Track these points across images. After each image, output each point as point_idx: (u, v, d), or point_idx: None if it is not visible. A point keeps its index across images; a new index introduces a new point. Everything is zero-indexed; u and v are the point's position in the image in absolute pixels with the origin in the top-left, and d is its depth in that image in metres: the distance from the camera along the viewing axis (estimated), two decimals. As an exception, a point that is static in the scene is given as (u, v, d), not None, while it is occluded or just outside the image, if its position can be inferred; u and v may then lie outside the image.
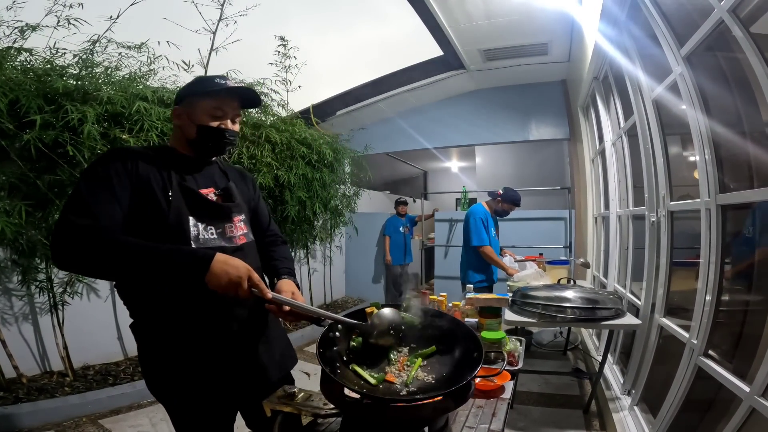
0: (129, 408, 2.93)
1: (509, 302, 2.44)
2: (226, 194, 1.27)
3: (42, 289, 2.93)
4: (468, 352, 1.01)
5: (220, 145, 1.22)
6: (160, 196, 1.11)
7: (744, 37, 1.33)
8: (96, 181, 1.06)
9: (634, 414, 2.33)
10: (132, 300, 1.18)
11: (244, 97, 1.26)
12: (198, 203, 1.17)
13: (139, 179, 1.10)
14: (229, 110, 1.22)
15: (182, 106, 1.21)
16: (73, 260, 0.99)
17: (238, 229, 1.25)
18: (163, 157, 1.19)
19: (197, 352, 1.16)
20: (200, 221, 1.16)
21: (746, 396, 1.26)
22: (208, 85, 1.20)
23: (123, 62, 3.15)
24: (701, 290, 1.70)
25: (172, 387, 1.17)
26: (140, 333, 1.20)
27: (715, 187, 1.63)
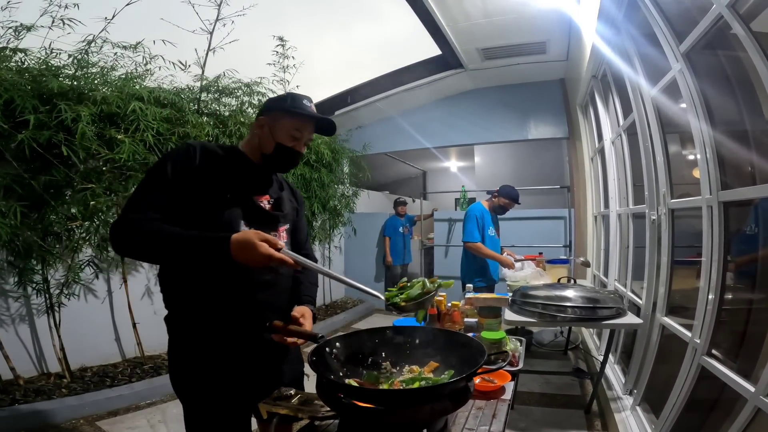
0: (127, 410, 2.90)
1: (509, 302, 2.42)
2: (277, 204, 1.32)
3: (38, 291, 2.91)
4: (470, 355, 1.00)
5: (289, 164, 1.30)
6: (219, 195, 1.17)
7: (744, 33, 1.31)
8: (154, 179, 1.14)
9: (636, 414, 2.31)
10: (170, 293, 1.24)
11: (320, 124, 1.31)
12: (251, 209, 1.23)
13: (202, 177, 1.16)
14: (306, 134, 1.28)
15: (267, 117, 1.26)
16: (122, 247, 1.08)
17: (281, 238, 1.30)
18: (232, 159, 1.25)
19: (224, 351, 1.20)
20: (249, 226, 1.21)
21: (751, 396, 1.24)
22: (296, 105, 1.24)
23: (119, 62, 3.13)
24: (703, 288, 1.68)
25: (195, 382, 1.20)
26: (173, 326, 1.24)
27: (717, 184, 1.61)
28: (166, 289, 1.24)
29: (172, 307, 1.24)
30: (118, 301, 3.51)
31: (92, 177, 2.80)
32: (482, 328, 1.74)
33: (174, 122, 3.22)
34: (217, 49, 3.48)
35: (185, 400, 1.23)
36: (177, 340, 1.24)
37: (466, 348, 1.04)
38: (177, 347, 1.24)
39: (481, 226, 3.44)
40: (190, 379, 1.21)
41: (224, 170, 1.20)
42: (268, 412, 1.14)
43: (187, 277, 1.20)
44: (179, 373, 1.23)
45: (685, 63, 1.77)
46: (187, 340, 1.22)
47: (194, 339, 1.21)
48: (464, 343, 1.08)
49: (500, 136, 5.80)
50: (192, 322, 1.21)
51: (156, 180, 1.13)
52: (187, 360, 1.21)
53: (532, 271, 3.15)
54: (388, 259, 6.09)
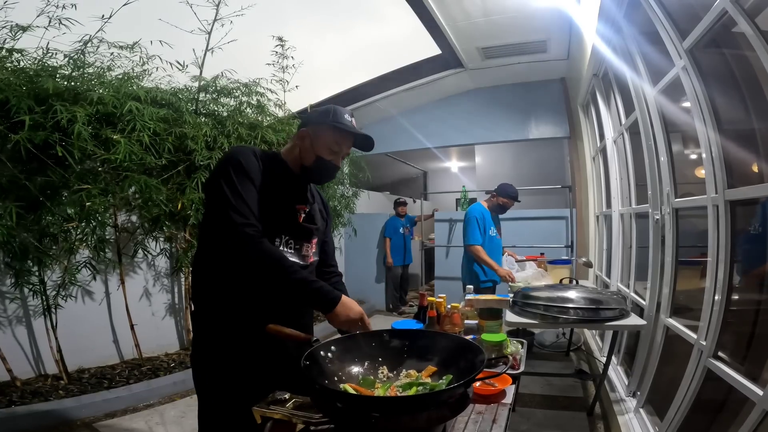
0: (124, 411, 2.88)
1: (510, 303, 2.39)
2: (310, 217, 1.34)
3: (35, 292, 2.89)
4: (469, 360, 0.97)
5: (326, 177, 1.35)
6: (269, 203, 1.20)
7: (750, 29, 1.28)
8: (240, 177, 1.16)
9: (639, 416, 2.27)
10: (201, 289, 1.27)
11: (358, 139, 1.34)
12: (290, 220, 1.27)
13: (260, 181, 1.20)
14: (344, 148, 1.31)
15: (309, 129, 1.29)
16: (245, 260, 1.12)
17: (312, 249, 1.35)
18: (276, 166, 1.27)
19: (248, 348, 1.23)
20: (284, 234, 1.25)
21: (759, 399, 1.21)
22: (338, 119, 1.27)
23: (115, 62, 3.11)
24: (709, 289, 1.65)
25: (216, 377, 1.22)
26: (199, 321, 1.27)
27: (723, 183, 1.58)
28: (198, 286, 1.27)
29: (201, 302, 1.27)
30: (116, 303, 3.49)
31: (88, 178, 2.78)
32: (483, 330, 1.70)
33: (171, 122, 3.20)
34: (215, 50, 3.46)
35: (203, 394, 1.25)
36: (202, 335, 1.26)
37: (465, 352, 1.01)
38: (201, 341, 1.26)
39: (483, 227, 3.41)
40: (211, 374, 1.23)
41: (272, 177, 1.23)
42: (261, 416, 1.11)
43: (220, 275, 1.22)
44: (199, 367, 1.25)
45: (689, 59, 1.74)
46: (213, 334, 1.24)
47: (220, 334, 1.23)
48: (463, 347, 1.05)
49: (501, 135, 5.77)
50: (219, 318, 1.23)
51: (243, 178, 1.16)
52: (208, 355, 1.24)
53: (533, 272, 3.12)
54: (388, 260, 6.06)
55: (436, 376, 1.02)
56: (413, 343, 1.12)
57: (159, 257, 3.77)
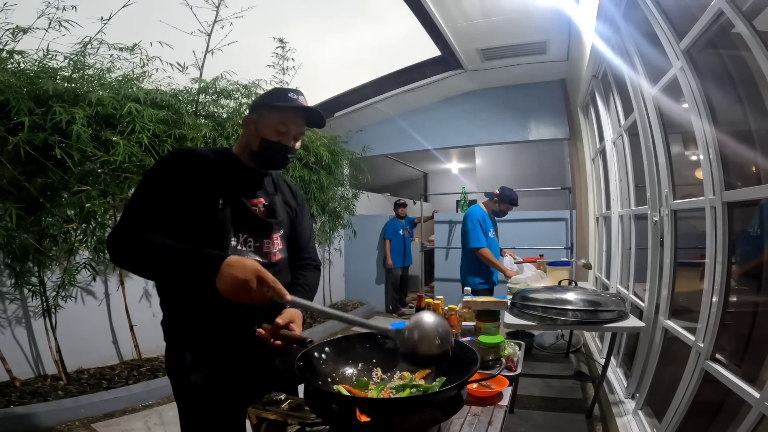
0: (123, 412, 2.89)
1: (507, 305, 2.38)
2: (270, 210, 1.28)
3: (35, 293, 2.90)
4: (463, 362, 0.97)
5: (279, 160, 1.26)
6: (212, 202, 1.14)
7: (747, 29, 1.28)
8: (151, 185, 1.12)
9: (638, 418, 2.27)
10: (165, 297, 1.22)
11: (310, 116, 1.26)
12: (244, 216, 1.20)
13: (195, 184, 1.13)
14: (293, 127, 1.23)
15: (254, 114, 1.24)
16: (117, 259, 1.06)
17: (275, 246, 1.27)
18: (224, 163, 1.22)
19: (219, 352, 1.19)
20: (242, 233, 1.19)
21: (756, 402, 1.20)
22: (279, 98, 1.21)
23: (115, 64, 3.12)
24: (707, 291, 1.65)
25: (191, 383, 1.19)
26: (168, 328, 1.23)
27: (720, 185, 1.58)
28: (162, 295, 1.23)
29: (167, 309, 1.23)
30: (116, 304, 3.49)
31: (88, 179, 2.79)
32: (480, 332, 1.70)
33: (171, 124, 3.20)
34: (215, 51, 3.46)
35: (181, 401, 1.22)
36: (173, 342, 1.23)
37: (459, 354, 1.01)
38: (173, 349, 1.23)
39: (484, 229, 3.42)
40: (186, 380, 1.20)
41: (215, 175, 1.17)
42: (257, 417, 1.11)
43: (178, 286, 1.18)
44: (175, 374, 1.22)
45: (686, 60, 1.74)
46: (183, 341, 1.21)
47: (189, 340, 1.20)
48: (458, 349, 1.04)
49: (501, 137, 5.77)
50: (187, 323, 1.20)
51: (148, 190, 1.12)
52: (183, 361, 1.20)
53: (532, 274, 3.11)
54: (388, 262, 6.06)
55: (429, 378, 1.02)
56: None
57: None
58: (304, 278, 1.39)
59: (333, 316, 1.02)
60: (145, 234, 1.04)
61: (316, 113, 1.25)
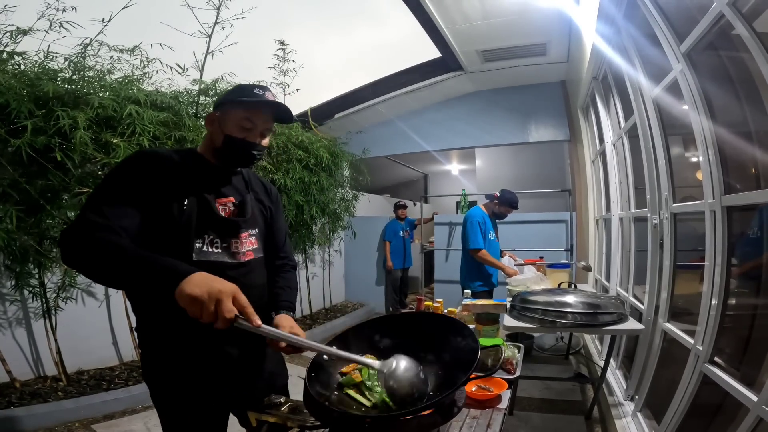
0: (123, 413, 2.89)
1: (507, 308, 2.38)
2: (240, 208, 1.24)
3: (35, 295, 2.90)
4: (462, 360, 0.96)
5: (244, 157, 1.20)
6: (176, 203, 1.10)
7: (747, 32, 1.28)
8: (112, 185, 1.06)
9: (637, 420, 2.27)
10: (136, 303, 1.19)
11: (276, 111, 1.22)
12: (208, 216, 1.15)
13: (159, 185, 1.09)
14: (259, 123, 1.19)
15: (217, 112, 1.20)
16: (68, 257, 0.96)
17: (244, 245, 1.22)
18: (189, 163, 1.17)
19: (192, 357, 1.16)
20: (207, 234, 1.14)
21: (754, 405, 1.20)
22: (245, 93, 1.17)
23: (115, 66, 3.12)
24: (706, 294, 1.65)
25: (166, 389, 1.17)
26: (142, 333, 1.19)
27: (720, 189, 1.58)
28: (133, 301, 1.20)
29: (140, 314, 1.19)
30: (116, 305, 3.49)
31: (88, 181, 2.79)
32: (480, 334, 1.71)
33: (171, 126, 3.20)
34: (215, 53, 3.47)
35: (159, 407, 1.20)
36: (146, 348, 1.19)
37: (458, 345, 1.00)
38: (147, 354, 1.19)
39: (483, 231, 3.42)
40: (161, 387, 1.18)
41: (179, 175, 1.13)
42: (257, 420, 1.12)
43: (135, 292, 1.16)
44: (151, 381, 1.19)
45: (686, 63, 1.74)
46: (156, 347, 1.17)
47: (163, 348, 1.16)
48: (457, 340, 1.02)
49: (501, 138, 5.76)
50: (160, 330, 1.16)
51: (108, 189, 1.06)
52: (157, 368, 1.18)
53: (532, 276, 3.11)
54: (388, 263, 6.06)
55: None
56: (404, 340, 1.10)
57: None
58: (284, 281, 1.37)
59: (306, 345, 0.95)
60: (102, 232, 0.95)
61: (282, 107, 1.21)
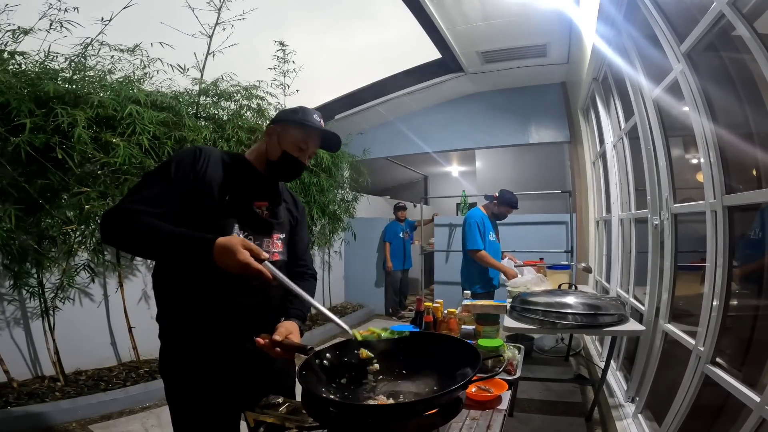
0: (120, 413, 2.88)
1: (507, 309, 2.37)
2: (273, 213, 1.34)
3: (33, 294, 2.89)
4: (463, 363, 0.96)
5: (293, 173, 1.34)
6: (219, 197, 1.19)
7: (748, 32, 1.28)
8: (159, 175, 1.16)
9: (638, 422, 2.25)
10: (161, 291, 1.24)
11: (326, 139, 1.35)
12: (247, 214, 1.24)
13: (204, 181, 1.18)
14: (312, 146, 1.32)
15: (278, 126, 1.30)
16: (109, 236, 1.07)
17: (274, 246, 1.32)
18: (236, 166, 1.27)
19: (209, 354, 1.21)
20: (243, 229, 1.22)
21: (756, 406, 1.20)
22: (306, 117, 1.29)
23: (116, 65, 3.12)
24: (707, 295, 1.64)
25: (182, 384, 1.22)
26: (162, 325, 1.25)
27: (721, 189, 1.57)
28: (158, 287, 1.25)
29: (162, 306, 1.25)
30: (114, 306, 3.48)
31: (87, 181, 2.78)
32: (480, 335, 1.70)
33: (171, 126, 3.20)
34: (216, 53, 3.47)
35: (172, 402, 1.24)
36: (166, 340, 1.24)
37: (459, 355, 1.00)
38: (165, 347, 1.24)
39: (483, 232, 3.40)
40: (177, 381, 1.22)
41: (226, 176, 1.23)
42: (254, 420, 1.11)
43: (178, 277, 1.20)
44: (167, 374, 1.24)
45: (687, 63, 1.74)
46: (175, 340, 1.23)
47: (182, 340, 1.22)
48: (458, 350, 1.03)
49: (501, 140, 5.77)
50: (180, 323, 1.22)
51: (157, 177, 1.16)
52: (174, 361, 1.22)
53: (532, 277, 3.10)
54: (388, 265, 6.05)
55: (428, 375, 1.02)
56: (407, 346, 1.11)
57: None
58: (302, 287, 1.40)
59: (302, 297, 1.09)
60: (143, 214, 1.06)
61: (335, 138, 1.35)
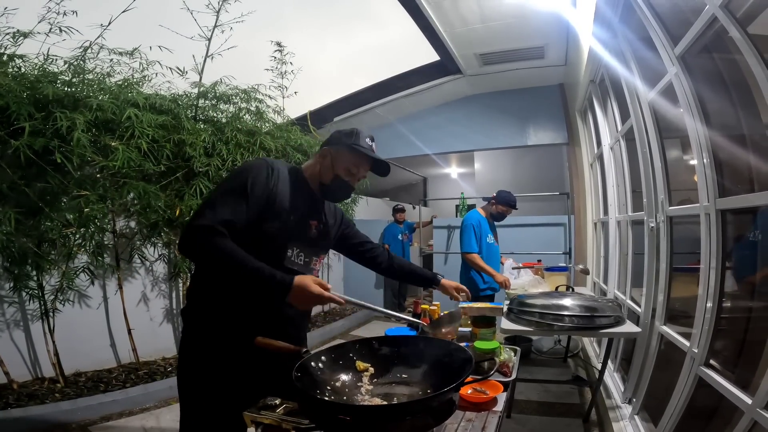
0: (120, 415, 2.89)
1: (503, 311, 2.38)
2: (324, 233, 1.40)
3: (33, 297, 2.90)
4: (456, 365, 0.97)
5: (341, 197, 1.40)
6: (283, 214, 1.23)
7: (740, 35, 1.29)
8: (231, 188, 1.19)
9: (634, 423, 2.27)
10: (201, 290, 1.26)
11: (377, 164, 1.38)
12: (303, 233, 1.31)
13: (275, 199, 1.22)
14: (362, 170, 1.37)
15: (332, 148, 1.34)
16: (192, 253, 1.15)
17: (318, 265, 1.40)
18: (296, 181, 1.31)
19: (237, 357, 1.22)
20: (297, 247, 1.29)
21: (748, 408, 1.21)
22: (359, 142, 1.32)
23: (115, 69, 3.13)
24: (702, 297, 1.65)
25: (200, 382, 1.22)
26: (190, 320, 1.27)
27: (714, 192, 1.59)
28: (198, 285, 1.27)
29: (196, 303, 1.26)
30: (114, 308, 3.49)
31: (87, 184, 2.79)
32: (476, 337, 1.71)
33: (170, 129, 3.21)
34: (215, 56, 3.48)
35: (184, 397, 1.24)
36: (193, 337, 1.26)
37: (452, 357, 1.02)
38: (192, 343, 1.26)
39: (479, 235, 3.37)
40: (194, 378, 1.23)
41: (292, 195, 1.27)
42: (252, 421, 1.12)
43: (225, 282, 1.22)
44: (185, 370, 1.25)
45: (681, 66, 1.75)
46: (202, 338, 1.24)
47: (209, 339, 1.23)
48: (451, 353, 1.05)
49: (500, 142, 5.78)
50: (211, 322, 1.23)
51: (234, 190, 1.18)
52: (197, 358, 1.23)
53: (530, 279, 3.12)
54: (387, 266, 6.05)
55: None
56: (402, 350, 1.13)
57: (157, 263, 3.77)
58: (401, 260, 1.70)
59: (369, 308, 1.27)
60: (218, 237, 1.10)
61: (385, 165, 1.37)
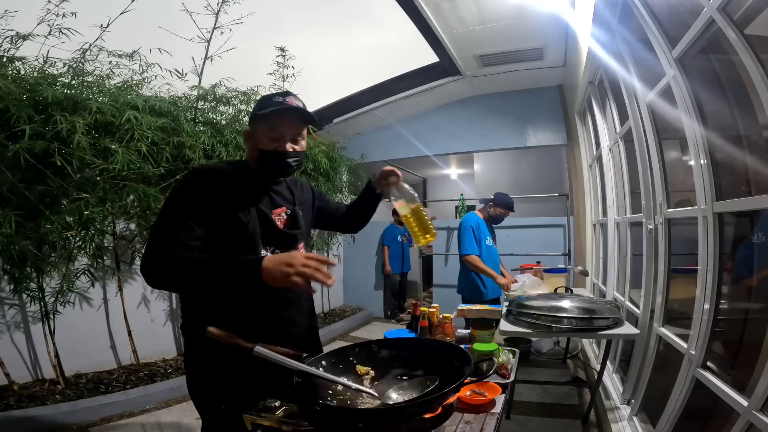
0: (120, 416, 2.90)
1: (501, 314, 2.39)
2: (293, 219, 1.29)
3: (33, 299, 2.91)
4: (455, 368, 0.98)
5: (280, 168, 1.21)
6: (241, 218, 1.14)
7: (736, 37, 1.30)
8: (177, 205, 1.11)
9: (633, 424, 2.27)
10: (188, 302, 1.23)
11: (300, 114, 1.19)
12: (270, 230, 1.20)
13: (221, 201, 1.13)
14: (285, 130, 1.18)
15: (250, 129, 1.23)
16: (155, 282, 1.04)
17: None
18: (242, 176, 1.20)
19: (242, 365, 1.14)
20: (269, 245, 1.20)
21: (744, 410, 1.21)
22: (263, 106, 1.17)
23: (114, 71, 3.14)
24: (699, 299, 1.66)
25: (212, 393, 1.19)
26: (190, 335, 1.23)
27: (712, 195, 1.59)
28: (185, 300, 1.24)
29: (190, 317, 1.22)
30: (114, 309, 3.50)
31: (87, 187, 2.80)
32: (475, 339, 1.71)
33: (169, 131, 3.22)
34: (214, 58, 3.48)
35: (202, 411, 1.22)
36: (194, 351, 1.22)
37: (452, 360, 1.02)
38: (193, 358, 1.22)
39: (478, 237, 3.37)
40: (206, 391, 1.21)
41: (236, 188, 1.17)
42: (252, 423, 1.12)
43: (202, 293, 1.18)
44: (195, 384, 1.22)
45: (679, 69, 1.76)
46: (205, 351, 1.19)
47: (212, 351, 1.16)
48: (450, 354, 1.05)
49: (499, 143, 5.77)
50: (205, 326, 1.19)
51: (172, 211, 1.11)
52: (204, 372, 1.21)
53: (529, 281, 3.12)
54: (387, 268, 6.06)
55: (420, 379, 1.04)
56: (401, 352, 1.13)
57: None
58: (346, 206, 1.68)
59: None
60: (176, 254, 1.03)
61: (299, 110, 1.18)
